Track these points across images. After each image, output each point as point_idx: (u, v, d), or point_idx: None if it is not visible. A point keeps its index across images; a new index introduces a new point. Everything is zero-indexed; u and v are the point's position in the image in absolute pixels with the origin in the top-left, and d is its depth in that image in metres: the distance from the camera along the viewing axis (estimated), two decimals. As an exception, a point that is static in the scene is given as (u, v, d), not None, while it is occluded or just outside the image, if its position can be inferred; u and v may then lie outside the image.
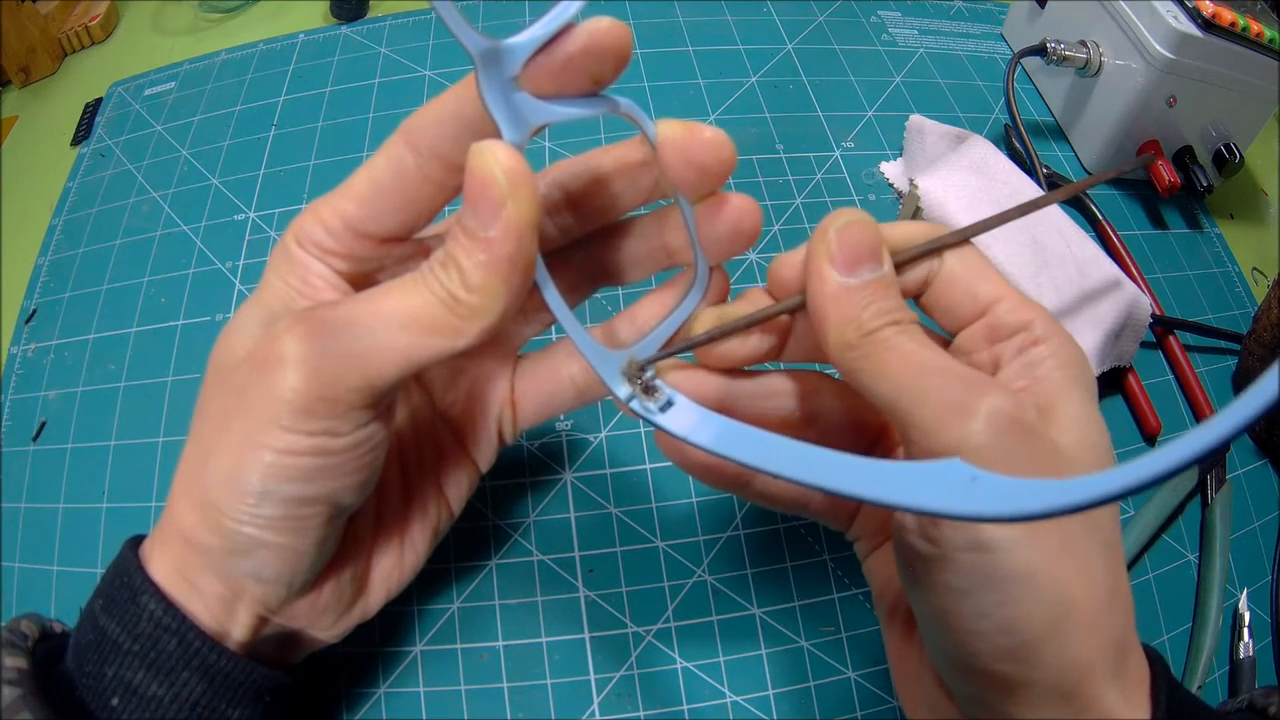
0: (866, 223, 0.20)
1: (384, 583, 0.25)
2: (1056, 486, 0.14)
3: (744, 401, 0.23)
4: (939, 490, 0.16)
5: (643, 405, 0.21)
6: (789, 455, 0.19)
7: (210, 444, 0.21)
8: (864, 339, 0.19)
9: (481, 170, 0.18)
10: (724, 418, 0.21)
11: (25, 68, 0.51)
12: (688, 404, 0.21)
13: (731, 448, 0.20)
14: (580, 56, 0.18)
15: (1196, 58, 0.42)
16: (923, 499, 0.16)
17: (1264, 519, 0.38)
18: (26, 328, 0.40)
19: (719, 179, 0.21)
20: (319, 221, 0.21)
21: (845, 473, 0.17)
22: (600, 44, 0.18)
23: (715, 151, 0.20)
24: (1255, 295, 0.46)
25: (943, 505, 0.16)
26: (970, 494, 0.15)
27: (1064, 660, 0.18)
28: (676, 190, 0.21)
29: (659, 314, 0.22)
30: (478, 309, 0.19)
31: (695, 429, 0.20)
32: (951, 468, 0.16)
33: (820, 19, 0.54)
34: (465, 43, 0.17)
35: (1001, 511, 0.15)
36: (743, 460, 0.19)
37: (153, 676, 0.21)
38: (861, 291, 0.19)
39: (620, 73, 0.19)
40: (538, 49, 0.18)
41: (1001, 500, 0.15)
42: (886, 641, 0.24)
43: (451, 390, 0.26)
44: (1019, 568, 0.17)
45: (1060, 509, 0.14)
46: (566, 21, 0.18)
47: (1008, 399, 0.18)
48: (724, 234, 0.22)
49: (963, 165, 0.40)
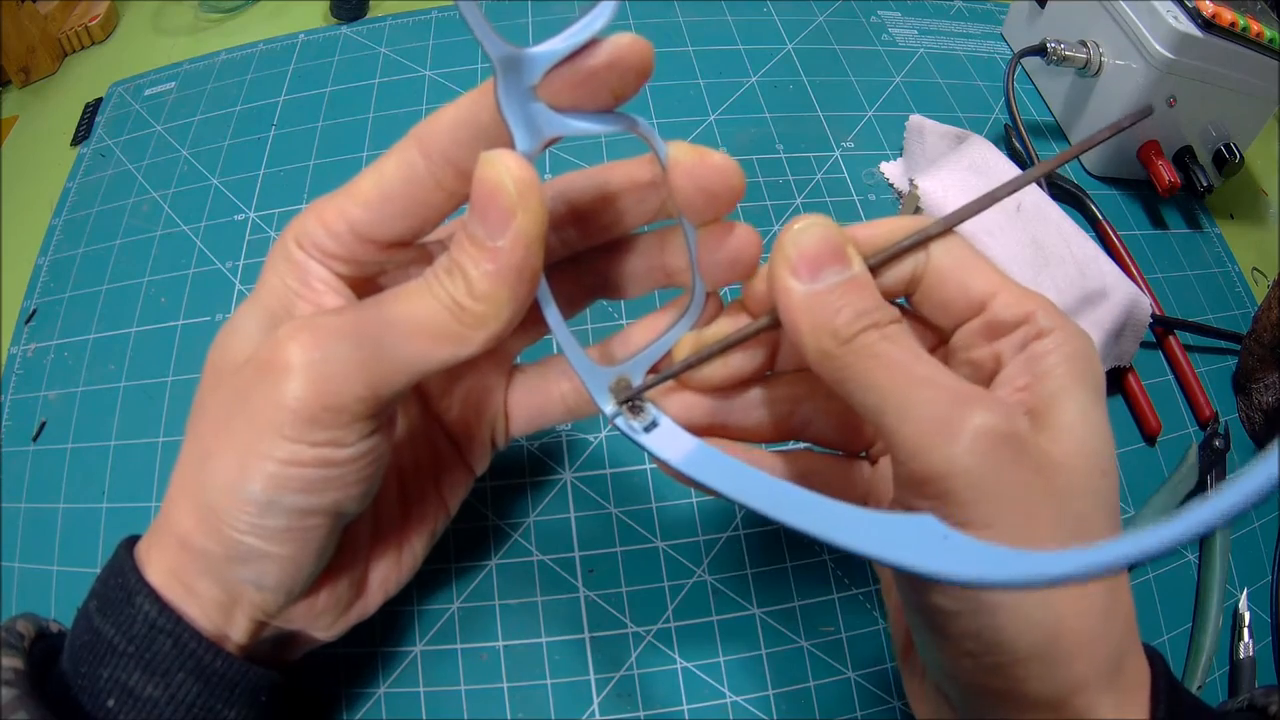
0: (824, 224, 0.19)
1: (382, 584, 0.25)
2: (1025, 558, 0.14)
3: (736, 414, 0.23)
4: (908, 544, 0.16)
5: (627, 424, 0.21)
6: (762, 489, 0.19)
7: (210, 448, 0.20)
8: (844, 347, 0.18)
9: (492, 179, 0.18)
10: (704, 444, 0.21)
11: (25, 68, 0.51)
12: (671, 426, 0.21)
13: (708, 475, 0.20)
14: (604, 71, 0.18)
15: (1196, 58, 0.42)
16: (891, 551, 0.16)
17: (1264, 519, 0.38)
18: (26, 328, 0.40)
19: (726, 206, 0.20)
20: (321, 223, 0.21)
21: (816, 515, 0.17)
22: (624, 59, 0.18)
23: (724, 178, 0.20)
24: (1255, 295, 0.46)
25: (910, 560, 0.16)
26: (939, 553, 0.15)
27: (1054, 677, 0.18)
28: (682, 213, 0.21)
29: (652, 339, 0.22)
30: (484, 317, 0.19)
31: (675, 452, 0.21)
32: (924, 523, 0.16)
33: (820, 19, 0.54)
34: (488, 48, 0.17)
35: (967, 576, 0.15)
36: (717, 489, 0.19)
37: (148, 678, 0.21)
38: (830, 296, 0.19)
39: (640, 89, 0.19)
40: (560, 60, 0.18)
41: (969, 564, 0.15)
42: (894, 637, 0.24)
43: (447, 396, 0.26)
44: (1007, 593, 0.17)
45: (1023, 582, 0.14)
46: (591, 35, 0.18)
47: (995, 414, 0.17)
48: (724, 261, 0.21)
49: (963, 165, 0.40)
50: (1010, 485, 0.17)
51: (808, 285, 0.19)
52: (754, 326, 0.21)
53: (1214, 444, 0.39)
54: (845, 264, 0.19)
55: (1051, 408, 0.19)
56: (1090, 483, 0.18)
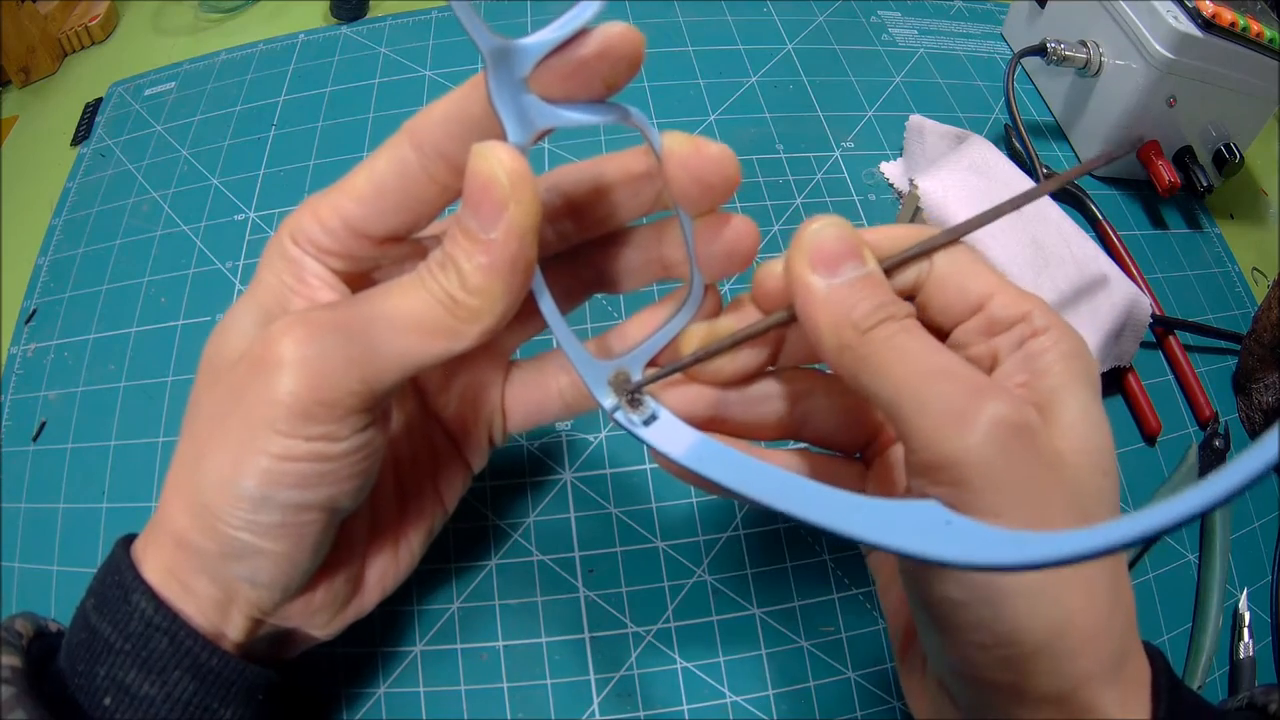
0: (840, 224, 0.20)
1: (379, 582, 0.25)
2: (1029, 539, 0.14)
3: (737, 408, 0.23)
4: (911, 531, 0.16)
5: (627, 417, 0.21)
6: (765, 480, 0.19)
7: (204, 445, 0.20)
8: (862, 338, 0.19)
9: (484, 171, 0.18)
10: (706, 436, 0.21)
11: (25, 68, 0.51)
12: (671, 419, 0.21)
13: (710, 467, 0.20)
14: (594, 61, 0.18)
15: (1196, 58, 0.42)
16: (893, 538, 0.16)
17: (1264, 519, 0.38)
18: (26, 328, 0.40)
19: (722, 196, 0.20)
20: (316, 219, 0.21)
21: (818, 503, 0.17)
22: (614, 49, 0.18)
23: (720, 168, 0.20)
24: (1255, 295, 0.46)
25: (912, 546, 0.16)
26: (943, 538, 0.15)
27: (1061, 670, 0.18)
28: (678, 204, 0.21)
29: (650, 332, 0.22)
30: (477, 311, 0.19)
31: (675, 445, 0.20)
32: (927, 509, 0.16)
33: (820, 19, 0.54)
34: (478, 40, 0.17)
35: (971, 559, 0.15)
36: (719, 481, 0.19)
37: (144, 676, 0.21)
38: (849, 290, 0.19)
39: (632, 79, 0.19)
40: (550, 51, 0.18)
41: (972, 549, 0.15)
42: (892, 638, 0.24)
43: (444, 392, 0.26)
44: (1017, 583, 0.17)
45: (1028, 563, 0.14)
46: (581, 25, 0.18)
47: (1009, 404, 0.17)
48: (720, 253, 0.21)
49: (963, 165, 0.40)
50: (1022, 476, 0.17)
51: (827, 280, 0.19)
52: (769, 321, 0.21)
53: (1214, 444, 0.39)
54: (862, 261, 0.19)
55: (1053, 405, 0.19)
56: (1094, 481, 0.19)
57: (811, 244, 0.19)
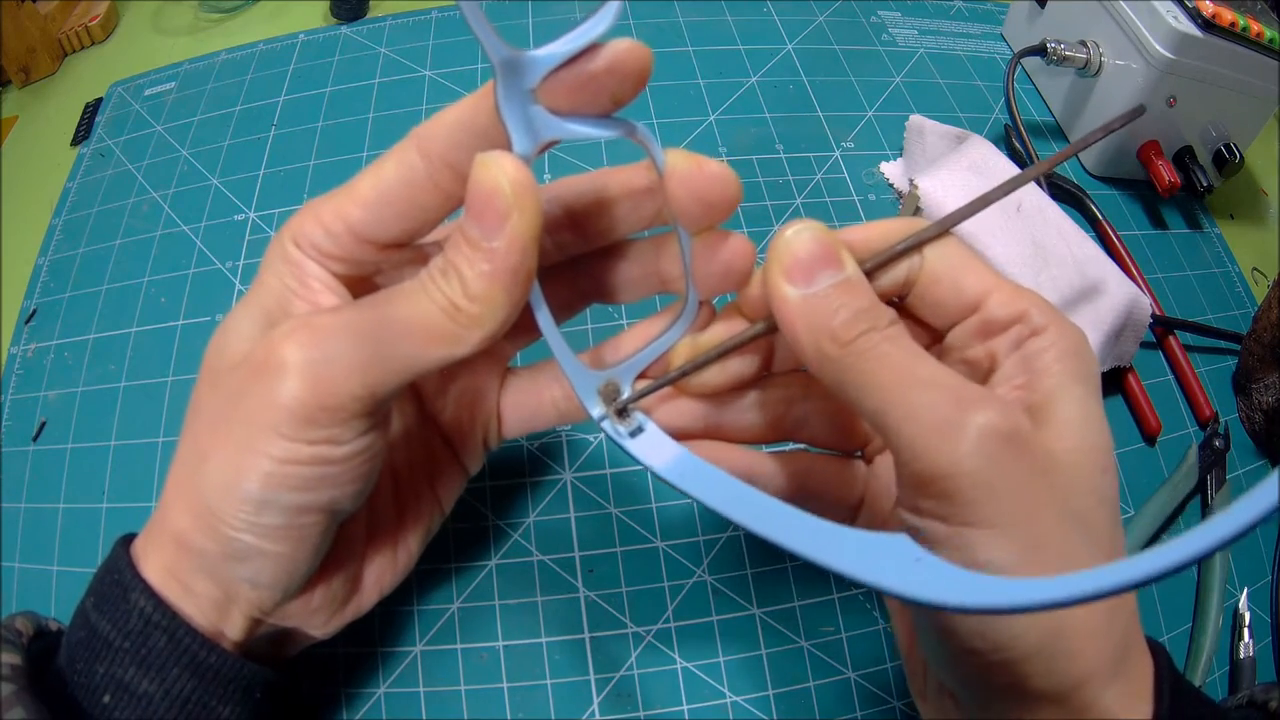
0: (815, 228, 0.19)
1: (377, 582, 0.25)
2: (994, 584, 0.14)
3: (730, 416, 0.23)
4: (880, 564, 0.16)
5: (613, 428, 0.21)
6: (742, 502, 0.19)
7: (206, 447, 0.20)
8: (843, 349, 0.18)
9: (488, 180, 0.18)
10: (689, 452, 0.21)
11: (25, 68, 0.51)
12: (656, 432, 0.21)
13: (689, 483, 0.20)
14: (603, 76, 0.18)
15: (1196, 58, 0.42)
16: (864, 571, 0.16)
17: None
18: (26, 328, 0.40)
19: (722, 214, 0.20)
20: (319, 223, 0.21)
21: (792, 530, 0.18)
22: (623, 64, 0.18)
23: (721, 187, 0.20)
24: (1255, 295, 0.46)
25: (880, 579, 0.16)
26: (910, 575, 0.15)
27: (1060, 671, 0.18)
28: (677, 221, 0.21)
29: (643, 345, 0.22)
30: (479, 318, 0.19)
31: (658, 458, 0.21)
32: (898, 543, 0.16)
33: (820, 19, 0.54)
34: (490, 49, 0.17)
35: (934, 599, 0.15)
36: (697, 497, 0.20)
37: (143, 674, 0.21)
38: (826, 299, 0.19)
39: (638, 94, 0.19)
40: (561, 64, 0.18)
41: (936, 588, 0.15)
42: (897, 636, 0.24)
43: (442, 396, 0.26)
44: None
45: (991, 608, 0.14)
46: (591, 39, 0.18)
47: (998, 413, 0.17)
48: (717, 271, 0.21)
49: (963, 165, 0.40)
50: (1014, 484, 0.17)
51: (802, 290, 0.19)
52: (750, 332, 0.21)
53: (1214, 444, 0.39)
54: (839, 267, 0.19)
55: (1050, 404, 0.19)
56: (1091, 479, 0.19)
57: (784, 252, 0.19)
